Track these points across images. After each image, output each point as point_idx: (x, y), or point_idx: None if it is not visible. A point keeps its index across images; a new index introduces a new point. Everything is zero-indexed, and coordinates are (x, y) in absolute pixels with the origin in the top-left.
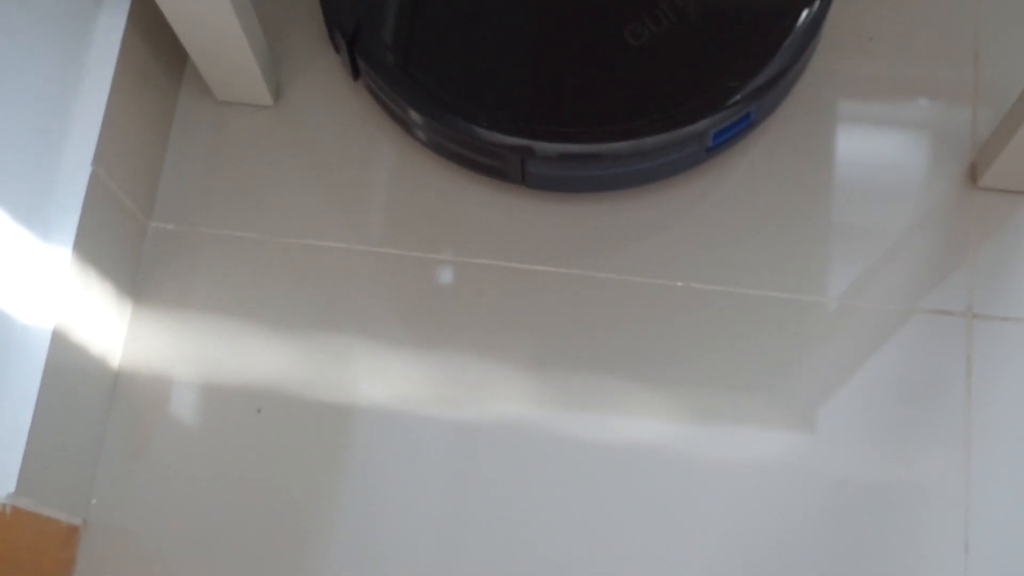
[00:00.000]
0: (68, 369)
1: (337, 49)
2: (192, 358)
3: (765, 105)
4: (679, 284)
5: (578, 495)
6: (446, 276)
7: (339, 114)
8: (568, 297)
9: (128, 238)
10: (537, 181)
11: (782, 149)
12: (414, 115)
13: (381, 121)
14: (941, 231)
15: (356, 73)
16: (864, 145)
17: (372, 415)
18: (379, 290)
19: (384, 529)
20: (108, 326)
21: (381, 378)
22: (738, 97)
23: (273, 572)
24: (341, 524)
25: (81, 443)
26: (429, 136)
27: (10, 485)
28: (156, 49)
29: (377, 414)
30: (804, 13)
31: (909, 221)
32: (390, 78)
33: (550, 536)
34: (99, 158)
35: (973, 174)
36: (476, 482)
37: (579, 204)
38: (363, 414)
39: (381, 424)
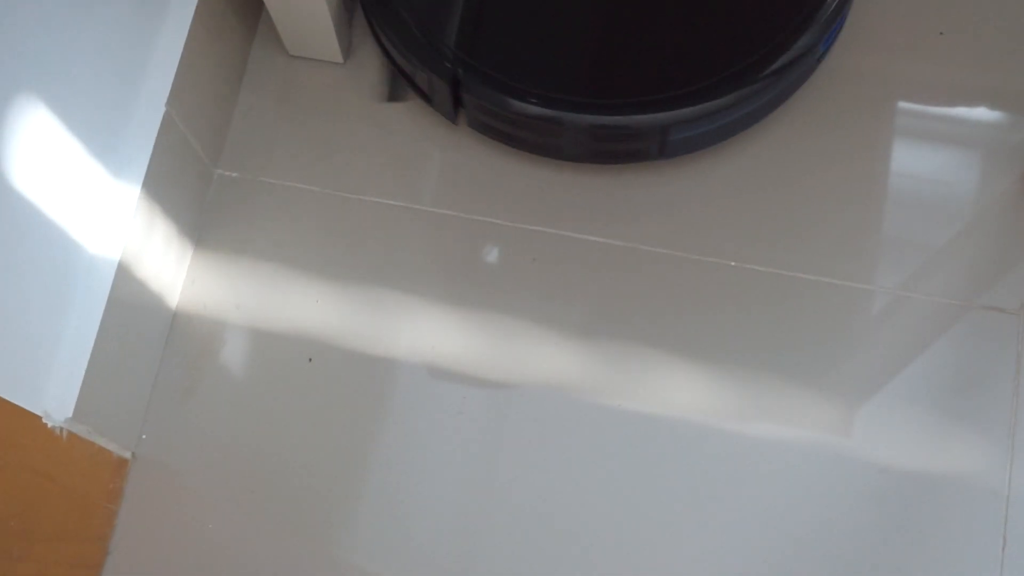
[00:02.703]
0: (129, 304)
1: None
2: (248, 304)
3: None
4: (733, 264)
5: (618, 464)
6: (502, 240)
7: None
8: (623, 269)
9: (194, 182)
10: (676, 148)
11: (843, 135)
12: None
13: None
14: (999, 229)
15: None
16: (924, 139)
17: (421, 371)
18: (435, 250)
19: (421, 482)
20: (169, 266)
21: (431, 336)
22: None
23: (311, 519)
24: (380, 476)
25: (136, 379)
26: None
27: (68, 410)
28: (233, 0)
29: (425, 371)
30: None
31: (967, 218)
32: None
33: (585, 502)
34: (173, 99)
35: None
36: (514, 443)
37: (639, 176)
38: (412, 370)
39: (428, 381)
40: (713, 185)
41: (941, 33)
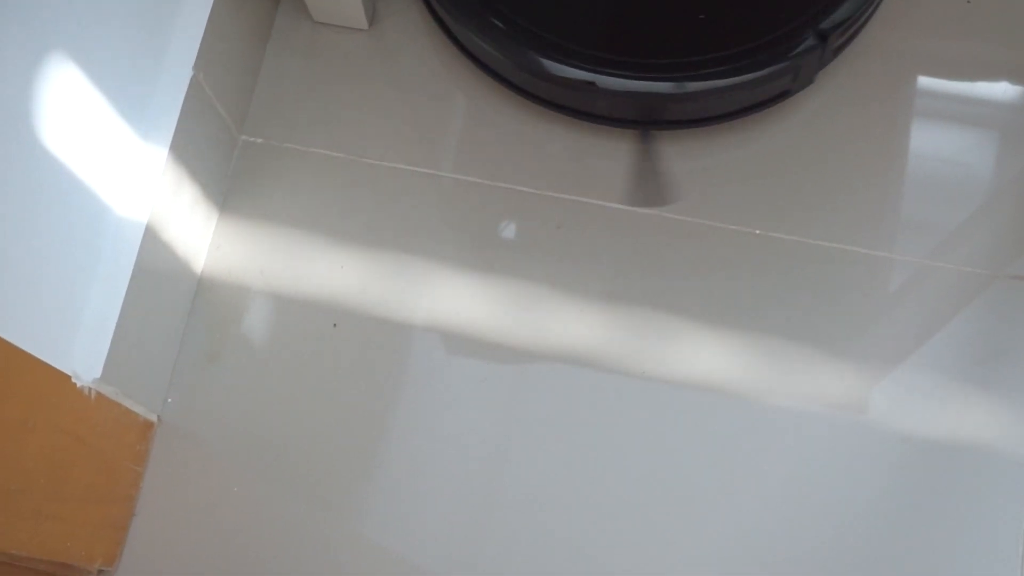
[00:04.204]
0: (156, 268)
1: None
2: (272, 270)
3: None
4: (757, 232)
5: (641, 431)
6: (526, 207)
7: (431, 43)
8: (648, 237)
9: (219, 148)
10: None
11: (867, 105)
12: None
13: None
14: None
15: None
16: (947, 112)
17: (444, 338)
18: (459, 217)
19: (443, 449)
20: (195, 231)
21: (455, 302)
22: None
23: (333, 484)
24: (402, 442)
25: (162, 342)
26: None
27: (96, 371)
28: None
29: (449, 338)
30: None
31: (992, 189)
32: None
33: (607, 469)
34: (200, 63)
35: None
36: (537, 410)
37: (664, 144)
38: (435, 336)
39: (451, 348)
40: (737, 154)
41: (968, 1)
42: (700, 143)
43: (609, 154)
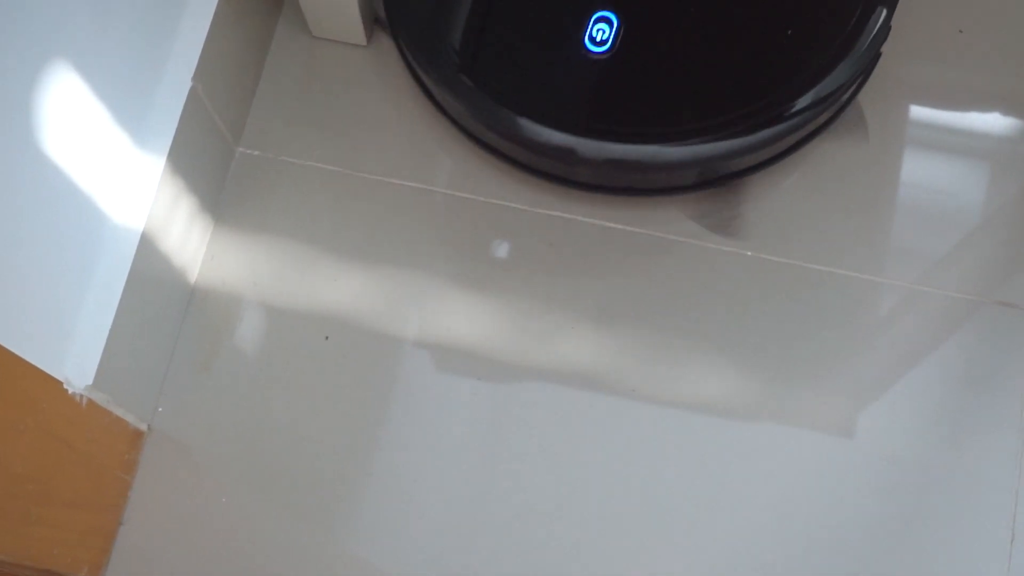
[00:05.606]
0: (150, 276)
1: None
2: (266, 282)
3: None
4: (748, 253)
5: (629, 451)
6: (518, 224)
7: None
8: (638, 256)
9: (216, 159)
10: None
11: (859, 133)
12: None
13: None
14: (1014, 227)
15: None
16: (937, 139)
17: (435, 353)
18: (452, 232)
19: (431, 464)
20: (190, 241)
21: (446, 318)
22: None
23: (321, 497)
24: (391, 457)
25: (154, 351)
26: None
27: (88, 377)
28: None
29: (439, 353)
30: None
31: (982, 215)
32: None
33: (595, 488)
34: (199, 75)
35: None
36: (525, 427)
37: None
38: (426, 351)
39: (442, 363)
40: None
41: (960, 31)
42: None
43: None
